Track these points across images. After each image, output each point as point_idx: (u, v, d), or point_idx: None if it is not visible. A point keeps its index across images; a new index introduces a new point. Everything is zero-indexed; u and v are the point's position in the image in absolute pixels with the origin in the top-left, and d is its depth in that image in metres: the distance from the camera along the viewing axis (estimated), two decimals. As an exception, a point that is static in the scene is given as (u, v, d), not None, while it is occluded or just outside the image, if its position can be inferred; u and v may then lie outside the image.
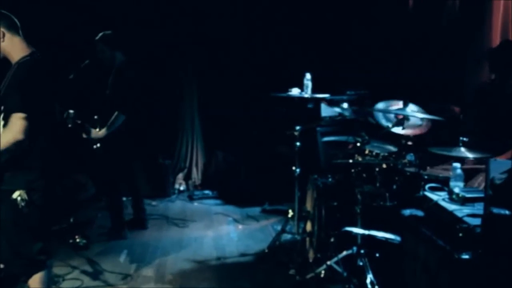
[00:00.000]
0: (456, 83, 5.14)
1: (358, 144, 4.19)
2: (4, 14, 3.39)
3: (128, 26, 6.80)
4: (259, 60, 7.17)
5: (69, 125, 4.60)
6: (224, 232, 5.76)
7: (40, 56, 3.41)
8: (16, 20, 3.40)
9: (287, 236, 5.14)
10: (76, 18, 6.03)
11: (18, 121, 3.17)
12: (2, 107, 3.28)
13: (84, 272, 4.54)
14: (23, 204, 3.23)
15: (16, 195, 3.22)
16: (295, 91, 6.13)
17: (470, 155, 3.28)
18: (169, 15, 7.20)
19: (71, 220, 5.46)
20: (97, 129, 5.07)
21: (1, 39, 3.33)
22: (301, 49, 6.94)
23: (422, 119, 4.38)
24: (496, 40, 4.70)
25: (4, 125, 3.25)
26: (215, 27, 7.24)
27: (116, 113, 5.06)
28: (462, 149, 3.28)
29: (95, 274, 4.50)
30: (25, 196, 3.23)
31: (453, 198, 3.12)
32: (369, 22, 6.41)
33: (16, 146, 3.19)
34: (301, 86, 6.05)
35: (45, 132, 3.41)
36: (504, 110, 4.05)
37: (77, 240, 5.10)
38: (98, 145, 5.12)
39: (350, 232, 4.03)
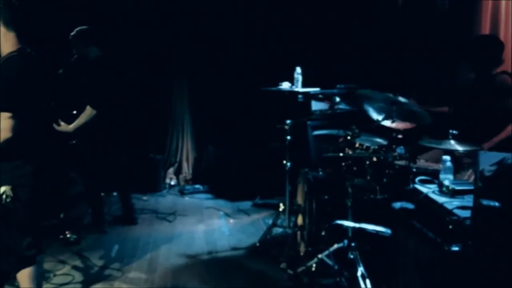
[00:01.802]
0: (448, 81, 5.16)
1: (349, 138, 4.20)
2: (8, 5, 3.28)
3: (122, 25, 6.85)
4: (251, 57, 7.17)
5: None
6: (216, 226, 5.76)
7: (29, 52, 3.33)
8: (17, 14, 3.30)
9: (278, 230, 5.15)
10: (76, 18, 6.00)
11: (5, 120, 3.14)
12: None
13: (75, 267, 4.53)
14: (8, 200, 3.20)
15: (1, 191, 3.20)
16: (285, 85, 6.14)
17: (460, 147, 3.30)
18: (160, 13, 7.19)
19: (62, 215, 5.45)
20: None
21: None
22: (297, 47, 6.91)
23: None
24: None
25: None
26: (208, 24, 7.24)
27: (87, 107, 5.02)
28: (452, 141, 3.30)
29: (86, 270, 4.49)
30: (10, 193, 3.21)
31: (443, 190, 3.14)
32: (366, 21, 6.39)
33: (5, 144, 3.16)
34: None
35: (35, 128, 3.37)
36: (495, 103, 4.09)
37: (68, 235, 5.08)
38: (74, 142, 5.11)
39: (341, 225, 4.05)
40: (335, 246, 4.02)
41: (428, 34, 5.48)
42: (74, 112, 5.11)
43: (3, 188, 3.20)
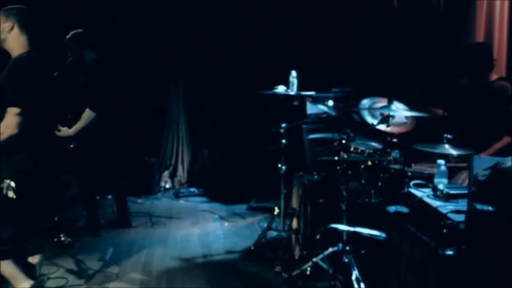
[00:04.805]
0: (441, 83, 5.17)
1: (344, 141, 4.20)
2: (23, 10, 3.57)
3: (122, 25, 6.88)
4: (249, 58, 7.16)
5: None
6: (211, 229, 5.75)
7: (37, 54, 3.56)
8: (31, 19, 3.58)
9: (273, 233, 5.14)
10: (76, 18, 6.01)
11: (12, 117, 3.34)
12: None
13: (69, 270, 4.51)
14: (10, 194, 3.36)
15: (5, 184, 3.36)
16: (280, 89, 6.13)
17: (454, 152, 3.31)
18: (160, 13, 7.19)
19: (56, 218, 5.42)
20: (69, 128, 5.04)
21: (8, 31, 3.51)
22: (296, 48, 6.90)
23: (407, 117, 4.42)
24: (479, 40, 4.74)
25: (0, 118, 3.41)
26: (204, 25, 7.23)
27: (86, 110, 5.01)
28: (447, 146, 3.31)
29: (80, 273, 4.47)
30: (13, 186, 3.37)
31: (438, 194, 3.14)
32: (366, 21, 6.40)
33: (10, 140, 3.36)
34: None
35: (39, 127, 3.56)
36: (489, 109, 4.10)
37: (62, 238, 5.07)
38: (72, 146, 5.10)
39: (336, 229, 4.05)
40: (330, 249, 4.02)
41: (423, 36, 5.51)
42: (69, 116, 5.10)
43: (5, 182, 3.37)
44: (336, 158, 4.14)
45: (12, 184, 3.37)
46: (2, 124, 3.38)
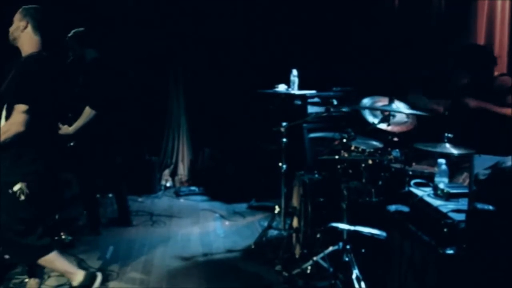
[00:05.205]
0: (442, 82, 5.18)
1: (344, 140, 4.21)
2: (39, 11, 3.64)
3: (122, 25, 6.91)
4: (249, 58, 7.17)
5: None
6: (211, 228, 5.76)
7: (46, 55, 3.62)
8: (47, 20, 3.65)
9: (273, 232, 5.15)
10: (76, 18, 6.02)
11: (19, 114, 3.38)
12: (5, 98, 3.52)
13: (70, 269, 4.51)
14: (22, 197, 3.44)
15: (17, 187, 3.42)
16: (281, 87, 6.14)
17: (455, 151, 3.32)
18: (157, 14, 7.20)
19: (57, 217, 5.43)
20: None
21: (22, 29, 3.57)
22: (297, 47, 6.90)
23: (408, 116, 4.42)
24: (480, 40, 4.75)
25: (7, 116, 3.47)
26: (204, 25, 7.24)
27: (86, 108, 5.01)
28: (447, 145, 3.32)
29: (81, 271, 4.48)
30: (25, 189, 3.43)
31: (438, 193, 3.15)
32: (366, 22, 6.40)
33: (16, 137, 3.40)
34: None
35: (44, 126, 3.61)
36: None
37: (63, 237, 5.07)
38: (72, 143, 5.10)
39: (336, 228, 4.05)
40: (330, 248, 4.03)
41: (423, 36, 5.51)
42: (69, 115, 5.11)
43: (18, 185, 3.42)
44: (336, 157, 4.14)
45: (24, 187, 3.44)
46: (9, 121, 3.42)
